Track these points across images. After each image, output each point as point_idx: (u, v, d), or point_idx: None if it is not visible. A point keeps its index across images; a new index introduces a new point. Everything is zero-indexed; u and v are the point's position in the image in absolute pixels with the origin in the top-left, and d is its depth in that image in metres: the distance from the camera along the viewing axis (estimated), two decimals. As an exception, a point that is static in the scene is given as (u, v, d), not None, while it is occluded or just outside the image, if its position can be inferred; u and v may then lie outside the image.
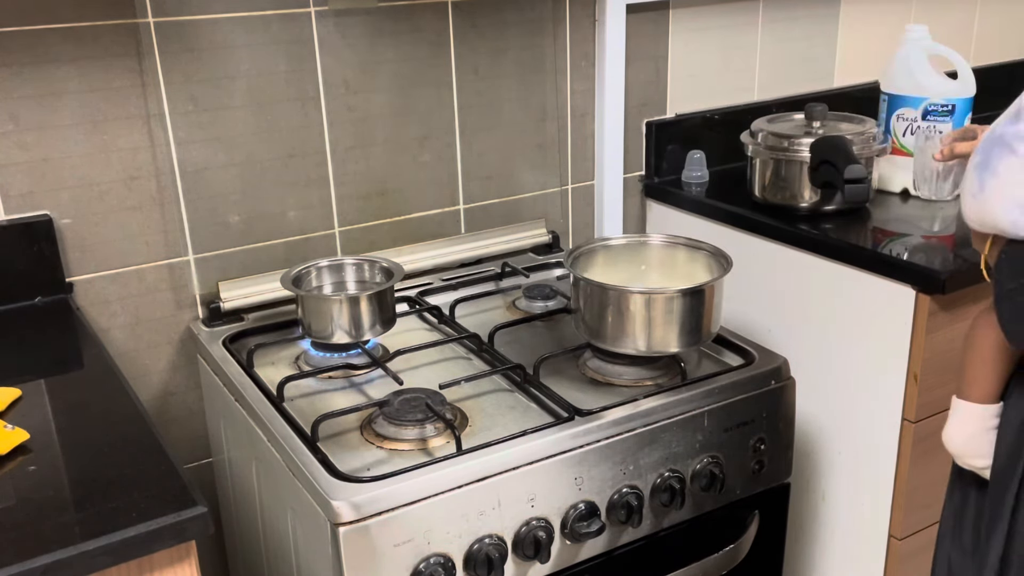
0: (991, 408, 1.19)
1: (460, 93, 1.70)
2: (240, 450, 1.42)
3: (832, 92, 2.11)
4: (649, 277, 1.49)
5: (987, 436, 1.19)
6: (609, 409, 1.27)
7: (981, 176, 1.04)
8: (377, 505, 1.10)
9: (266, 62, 1.52)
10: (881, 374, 1.54)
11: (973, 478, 1.23)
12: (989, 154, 1.04)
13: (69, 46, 1.37)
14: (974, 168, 1.06)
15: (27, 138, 1.38)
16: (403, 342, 1.46)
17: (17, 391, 1.15)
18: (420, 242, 1.72)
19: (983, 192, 1.04)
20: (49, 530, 0.90)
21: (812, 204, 1.68)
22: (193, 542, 0.95)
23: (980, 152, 1.06)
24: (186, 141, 1.49)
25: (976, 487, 1.23)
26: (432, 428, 1.23)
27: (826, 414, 1.65)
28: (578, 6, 1.77)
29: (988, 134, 1.06)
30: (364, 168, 1.65)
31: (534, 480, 1.19)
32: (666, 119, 1.93)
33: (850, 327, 1.58)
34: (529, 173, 1.82)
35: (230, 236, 1.56)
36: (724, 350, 1.47)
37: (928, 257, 1.50)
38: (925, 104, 1.77)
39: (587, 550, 1.26)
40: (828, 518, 1.70)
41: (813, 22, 2.06)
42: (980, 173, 1.05)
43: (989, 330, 1.15)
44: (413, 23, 1.62)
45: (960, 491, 1.26)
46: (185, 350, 1.57)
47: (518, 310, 1.62)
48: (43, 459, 1.03)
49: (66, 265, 1.44)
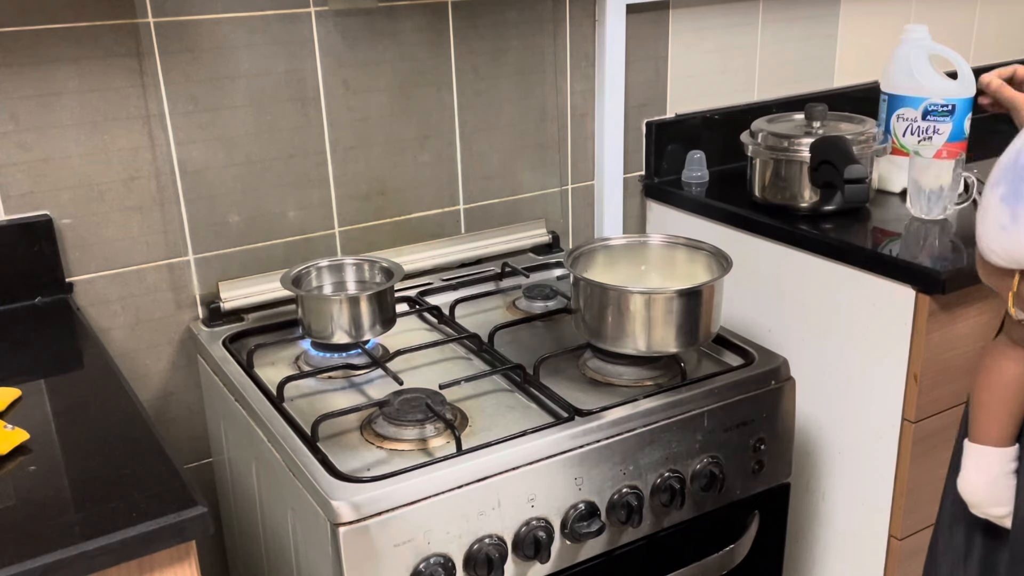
0: (1009, 451, 1.13)
1: (460, 93, 1.70)
2: (240, 450, 1.42)
3: (832, 92, 2.11)
4: (649, 277, 1.49)
5: (1006, 481, 1.13)
6: (609, 409, 1.27)
7: (1013, 208, 0.96)
8: (377, 505, 1.10)
9: (266, 62, 1.52)
10: (881, 374, 1.54)
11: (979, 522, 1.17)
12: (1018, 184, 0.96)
13: (69, 46, 1.37)
14: (999, 201, 0.98)
15: (27, 138, 1.38)
16: (403, 342, 1.46)
17: (17, 391, 1.15)
18: (420, 242, 1.72)
19: (1016, 224, 0.96)
20: (49, 530, 0.90)
21: (812, 204, 1.68)
22: (193, 542, 0.95)
23: (1003, 183, 0.98)
24: (186, 141, 1.49)
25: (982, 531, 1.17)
26: (432, 428, 1.23)
27: (826, 414, 1.65)
28: (578, 6, 1.77)
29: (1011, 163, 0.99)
30: (364, 168, 1.65)
31: (534, 480, 1.19)
32: (666, 119, 1.93)
33: (850, 327, 1.58)
34: (529, 173, 1.82)
35: (230, 236, 1.56)
36: (724, 350, 1.47)
37: (928, 257, 1.50)
38: (925, 104, 1.77)
39: (587, 550, 1.26)
40: (828, 518, 1.70)
41: (813, 22, 2.06)
42: (1011, 205, 0.96)
43: (1008, 365, 1.09)
44: (413, 23, 1.62)
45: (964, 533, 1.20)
46: (185, 350, 1.57)
47: (518, 310, 1.62)
48: (43, 459, 1.03)
49: (66, 265, 1.44)
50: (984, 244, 1.02)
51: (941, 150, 1.67)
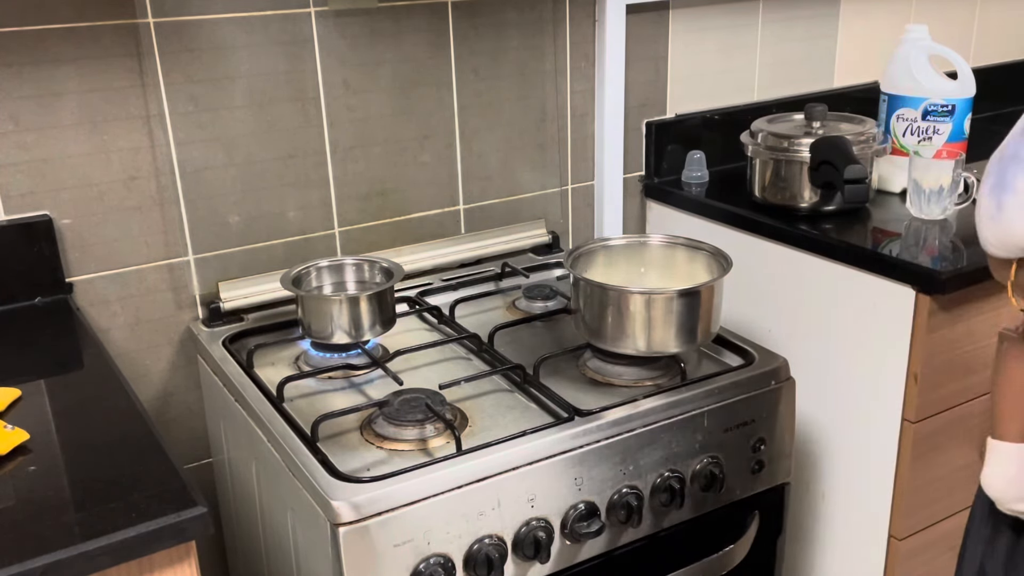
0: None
1: (460, 93, 1.70)
2: (240, 450, 1.42)
3: (832, 92, 2.11)
4: (649, 277, 1.49)
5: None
6: (609, 409, 1.27)
7: (998, 197, 0.99)
8: (377, 505, 1.10)
9: (266, 62, 1.52)
10: (881, 374, 1.54)
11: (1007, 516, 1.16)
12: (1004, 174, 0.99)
13: (69, 46, 1.37)
14: (989, 191, 1.01)
15: (27, 138, 1.38)
16: (403, 342, 1.46)
17: (17, 391, 1.15)
18: (420, 242, 1.72)
19: (1002, 212, 0.99)
20: (49, 530, 0.90)
21: (812, 204, 1.68)
22: (193, 542, 0.95)
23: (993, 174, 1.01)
24: (186, 141, 1.49)
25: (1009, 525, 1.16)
26: (432, 428, 1.23)
27: (826, 414, 1.65)
28: (578, 6, 1.77)
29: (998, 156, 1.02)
30: (364, 168, 1.65)
31: (534, 480, 1.19)
32: (666, 119, 1.93)
33: (850, 327, 1.58)
34: (529, 173, 1.82)
35: (230, 236, 1.56)
36: (724, 350, 1.47)
37: (928, 257, 1.50)
38: (925, 104, 1.77)
39: (587, 550, 1.26)
40: (828, 518, 1.70)
41: (813, 22, 2.06)
42: (996, 194, 0.99)
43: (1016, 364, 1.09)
44: (413, 23, 1.62)
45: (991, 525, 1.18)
46: (185, 350, 1.57)
47: (518, 310, 1.62)
48: (43, 459, 1.03)
49: (66, 265, 1.44)
50: (980, 235, 1.05)
51: (941, 150, 1.67)
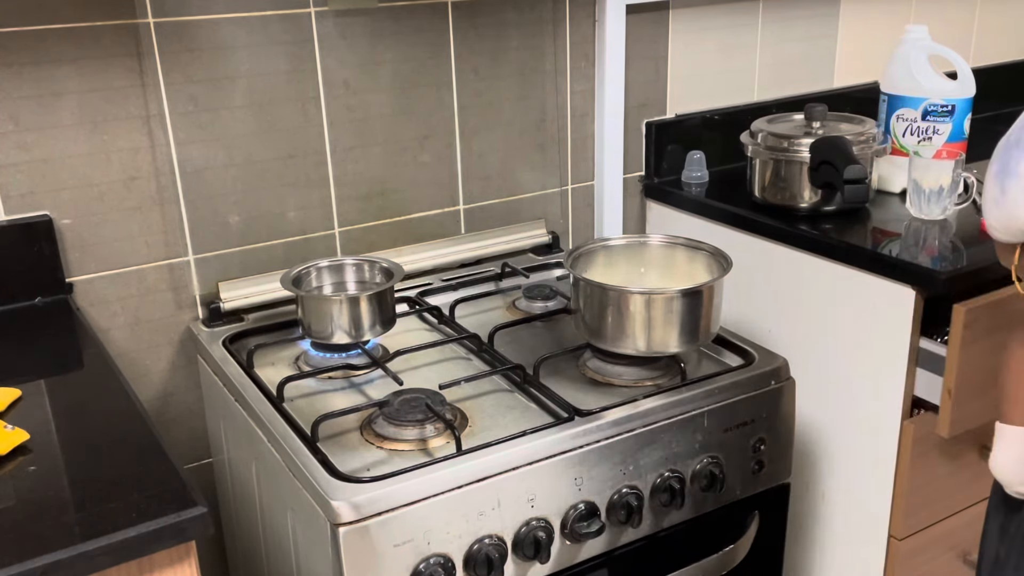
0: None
1: (460, 93, 1.70)
2: (240, 450, 1.42)
3: (832, 92, 2.11)
4: (649, 277, 1.49)
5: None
6: (609, 409, 1.27)
7: (1002, 182, 1.02)
8: (377, 505, 1.10)
9: (266, 62, 1.52)
10: (881, 374, 1.54)
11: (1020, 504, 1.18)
12: (1007, 160, 1.02)
13: (69, 46, 1.37)
14: (993, 177, 1.04)
15: (27, 138, 1.38)
16: (403, 342, 1.46)
17: (17, 391, 1.15)
18: (420, 242, 1.72)
19: (1005, 196, 1.02)
20: (49, 530, 0.90)
21: (812, 204, 1.68)
22: (193, 542, 0.95)
23: (997, 161, 1.04)
24: (186, 141, 1.49)
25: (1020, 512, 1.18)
26: (432, 428, 1.23)
27: (826, 414, 1.65)
28: (578, 6, 1.77)
29: (1004, 143, 1.04)
30: (364, 168, 1.65)
31: (534, 480, 1.19)
32: (666, 119, 1.93)
33: (850, 327, 1.58)
34: (529, 173, 1.82)
35: (230, 236, 1.56)
36: (724, 350, 1.47)
37: (928, 257, 1.50)
38: (925, 104, 1.77)
39: (587, 550, 1.26)
40: (828, 518, 1.70)
41: (813, 22, 2.06)
42: (1001, 179, 1.02)
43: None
44: (413, 23, 1.62)
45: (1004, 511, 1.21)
46: (185, 350, 1.57)
47: (518, 310, 1.62)
48: (43, 459, 1.03)
49: (66, 265, 1.44)
50: (986, 221, 1.07)
51: (941, 150, 1.67)
